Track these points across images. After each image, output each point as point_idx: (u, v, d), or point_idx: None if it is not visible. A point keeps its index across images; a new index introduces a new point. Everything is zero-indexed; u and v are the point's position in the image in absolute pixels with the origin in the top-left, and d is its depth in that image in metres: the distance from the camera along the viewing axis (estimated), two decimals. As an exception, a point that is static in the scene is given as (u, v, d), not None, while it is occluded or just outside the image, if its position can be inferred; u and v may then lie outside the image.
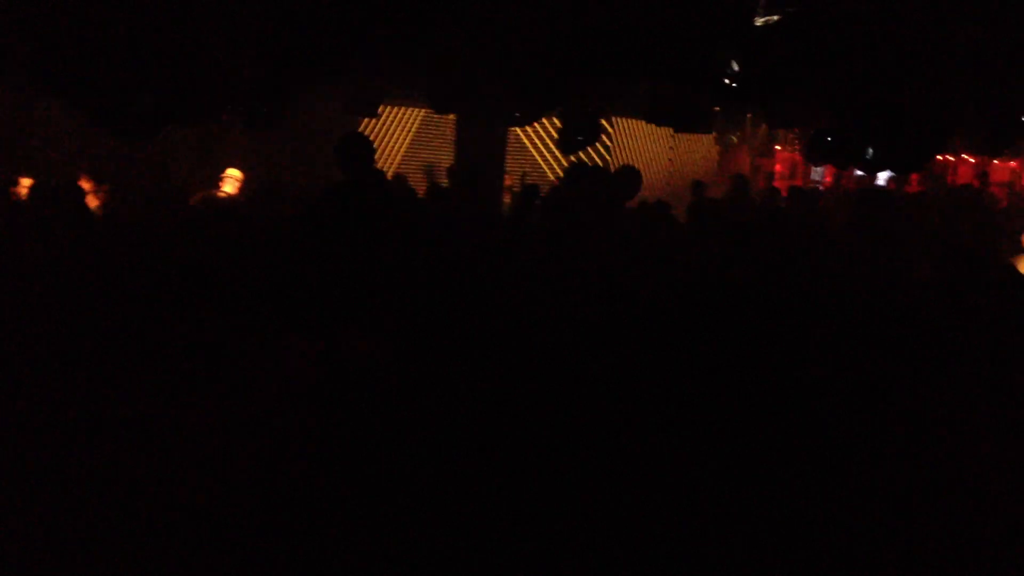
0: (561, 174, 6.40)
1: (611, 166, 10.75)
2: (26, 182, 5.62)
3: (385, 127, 10.75)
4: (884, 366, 3.01)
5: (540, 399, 2.81)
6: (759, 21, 3.98)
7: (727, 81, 4.06)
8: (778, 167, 13.06)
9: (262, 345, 2.77)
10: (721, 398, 2.85)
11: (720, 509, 2.56)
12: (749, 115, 10.13)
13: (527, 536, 2.40)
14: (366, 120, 9.57)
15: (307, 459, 2.52)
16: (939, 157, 12.48)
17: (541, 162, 11.28)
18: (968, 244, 5.58)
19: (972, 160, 12.83)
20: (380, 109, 8.25)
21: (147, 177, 6.35)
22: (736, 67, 4.06)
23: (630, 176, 5.06)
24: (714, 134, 10.99)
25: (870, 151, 4.91)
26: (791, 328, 3.22)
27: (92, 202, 5.54)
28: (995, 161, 12.69)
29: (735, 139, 11.63)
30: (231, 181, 6.64)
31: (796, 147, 11.76)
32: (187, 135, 6.63)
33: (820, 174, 12.67)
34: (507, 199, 8.27)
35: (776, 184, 11.67)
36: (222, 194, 6.27)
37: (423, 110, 10.54)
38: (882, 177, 10.52)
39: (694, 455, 2.69)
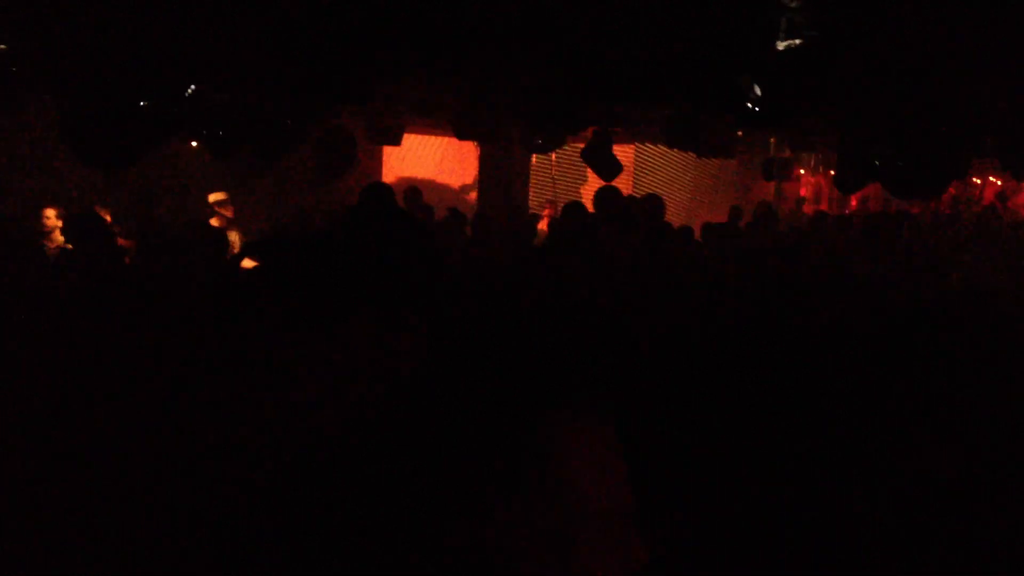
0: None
1: (635, 192, 10.77)
2: (50, 212, 5.73)
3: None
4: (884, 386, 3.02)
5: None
6: (781, 45, 3.97)
7: (749, 105, 4.05)
8: (803, 191, 12.99)
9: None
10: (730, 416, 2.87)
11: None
12: (772, 139, 10.10)
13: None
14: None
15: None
16: (970, 180, 12.38)
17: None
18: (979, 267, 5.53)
19: (998, 182, 12.69)
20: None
21: (166, 204, 6.43)
22: (758, 91, 4.04)
23: (654, 203, 5.06)
24: (737, 159, 10.98)
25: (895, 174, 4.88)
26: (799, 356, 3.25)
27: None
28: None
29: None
30: (221, 211, 6.68)
31: (820, 171, 11.72)
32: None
33: (846, 199, 12.60)
34: (544, 226, 8.31)
35: (805, 209, 11.63)
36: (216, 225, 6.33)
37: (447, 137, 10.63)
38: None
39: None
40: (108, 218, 6.33)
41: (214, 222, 6.55)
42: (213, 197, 6.76)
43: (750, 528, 2.62)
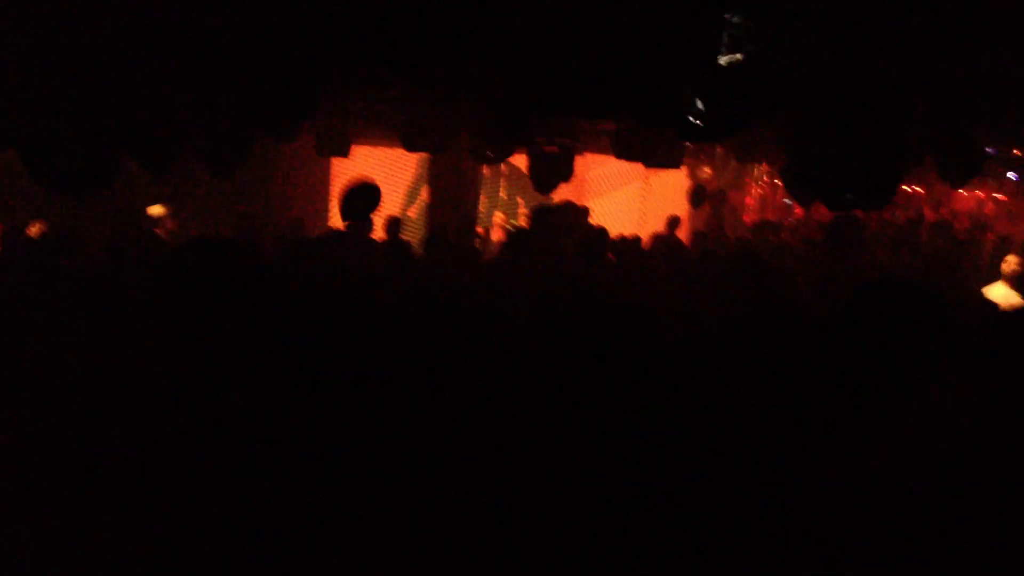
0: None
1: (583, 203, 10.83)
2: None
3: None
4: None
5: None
6: (723, 60, 4.02)
7: (691, 120, 4.09)
8: (748, 200, 13.21)
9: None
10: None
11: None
12: (719, 149, 10.26)
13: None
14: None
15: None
16: (908, 188, 12.71)
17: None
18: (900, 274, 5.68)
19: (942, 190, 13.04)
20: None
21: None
22: (701, 106, 4.09)
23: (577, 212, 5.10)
24: (685, 168, 11.12)
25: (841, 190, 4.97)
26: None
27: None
28: (961, 191, 12.92)
29: (707, 171, 11.78)
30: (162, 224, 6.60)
31: (766, 180, 11.92)
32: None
33: (790, 207, 12.83)
34: (499, 235, 8.29)
35: (745, 218, 11.81)
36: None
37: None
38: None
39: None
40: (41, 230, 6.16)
41: (158, 232, 6.45)
42: (153, 210, 6.65)
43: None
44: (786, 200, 11.62)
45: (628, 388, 3.12)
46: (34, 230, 6.05)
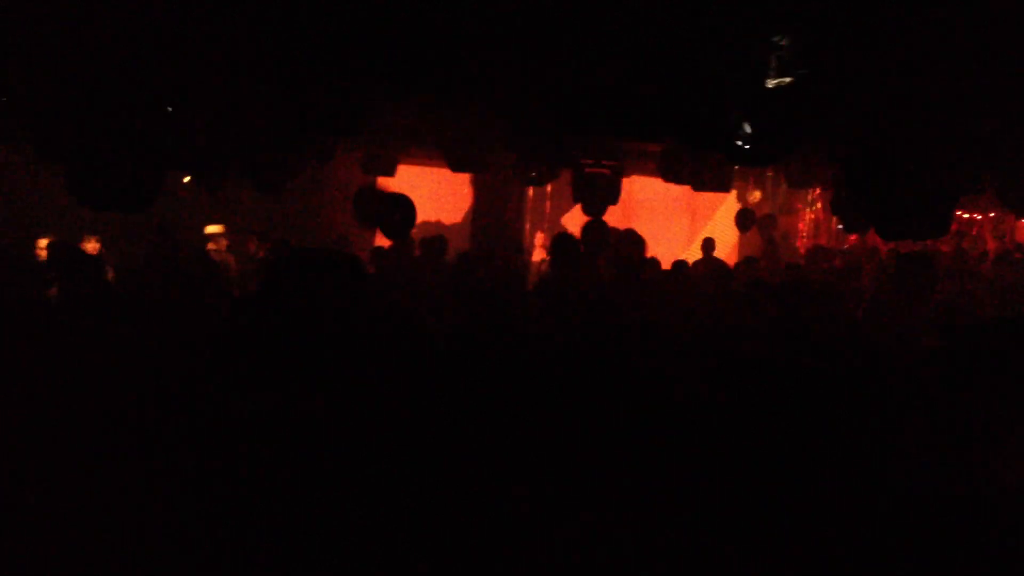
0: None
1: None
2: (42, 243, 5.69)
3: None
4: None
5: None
6: (771, 83, 3.92)
7: (739, 143, 3.99)
8: (801, 226, 12.95)
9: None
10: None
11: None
12: (770, 173, 10.08)
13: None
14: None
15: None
16: (967, 215, 12.33)
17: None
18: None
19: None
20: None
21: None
22: (748, 129, 3.98)
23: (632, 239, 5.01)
24: (735, 191, 10.95)
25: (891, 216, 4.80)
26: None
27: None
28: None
29: (757, 195, 11.59)
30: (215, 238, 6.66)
31: (819, 205, 11.69)
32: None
33: (843, 233, 12.53)
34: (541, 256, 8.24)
35: (798, 243, 11.57)
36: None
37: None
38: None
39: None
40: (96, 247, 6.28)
41: (211, 246, 6.54)
42: (210, 229, 6.76)
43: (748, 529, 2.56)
44: (839, 226, 11.35)
45: (661, 408, 3.07)
46: (90, 246, 6.16)
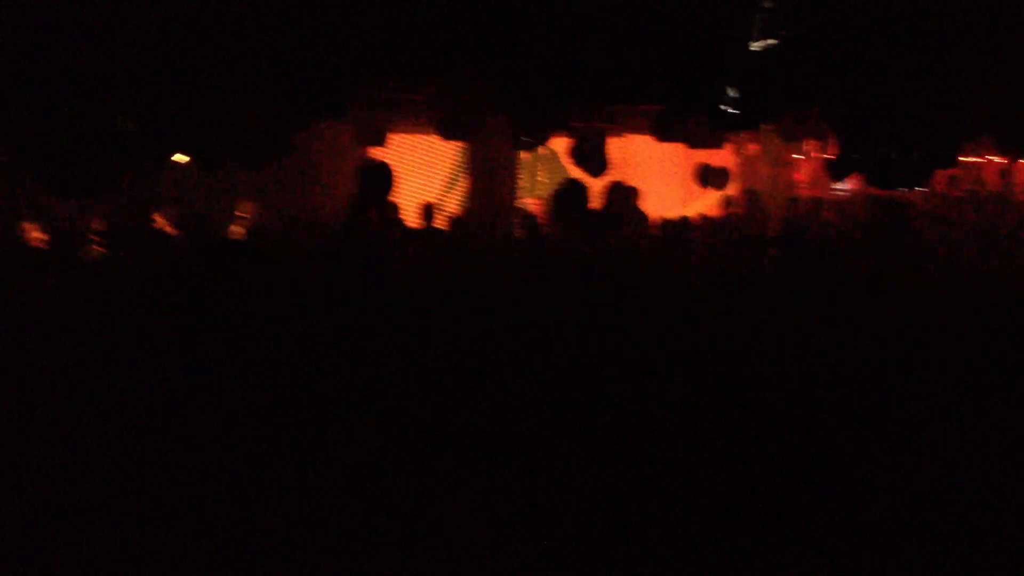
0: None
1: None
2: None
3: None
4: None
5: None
6: (755, 46, 3.90)
7: (725, 107, 3.99)
8: (798, 176, 12.86)
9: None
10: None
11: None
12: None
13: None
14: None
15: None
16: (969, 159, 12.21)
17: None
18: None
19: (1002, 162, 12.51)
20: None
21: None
22: (734, 93, 3.98)
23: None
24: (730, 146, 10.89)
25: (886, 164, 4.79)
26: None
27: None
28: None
29: (754, 148, 11.52)
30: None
31: (814, 156, 11.59)
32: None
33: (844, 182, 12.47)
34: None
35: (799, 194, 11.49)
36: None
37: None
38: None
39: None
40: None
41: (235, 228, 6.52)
42: (242, 207, 6.78)
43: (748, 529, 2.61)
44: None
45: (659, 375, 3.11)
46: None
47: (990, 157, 12.29)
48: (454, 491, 2.55)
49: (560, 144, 8.45)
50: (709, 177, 9.40)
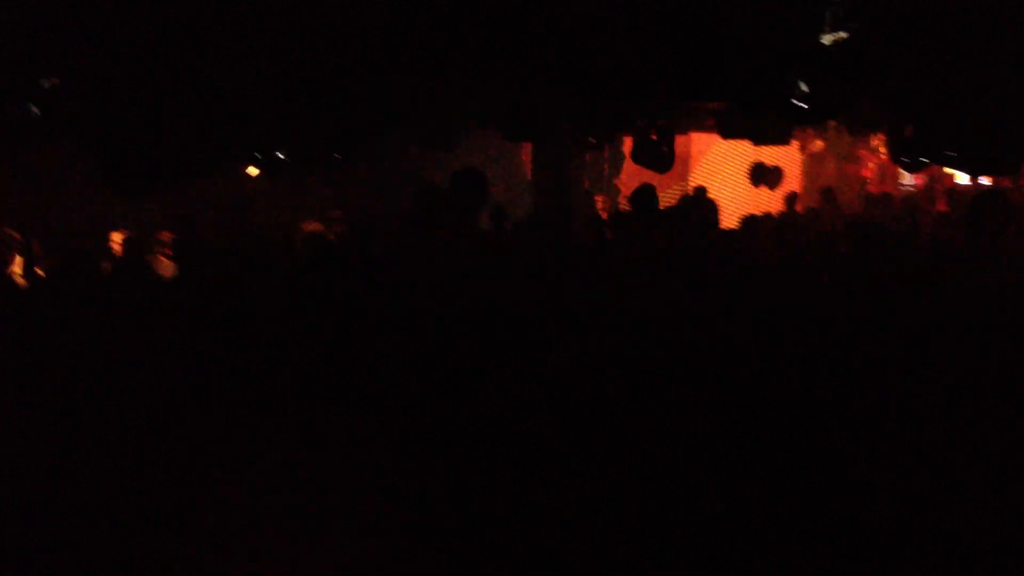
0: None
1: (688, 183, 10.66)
2: (117, 237, 5.94)
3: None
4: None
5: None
6: (827, 40, 3.89)
7: (795, 102, 3.98)
8: (866, 172, 12.62)
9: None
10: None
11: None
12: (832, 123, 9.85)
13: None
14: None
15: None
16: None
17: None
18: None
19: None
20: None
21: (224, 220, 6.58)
22: (805, 88, 3.96)
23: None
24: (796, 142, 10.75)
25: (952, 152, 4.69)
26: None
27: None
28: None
29: (820, 144, 11.36)
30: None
31: (882, 150, 11.36)
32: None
33: (910, 177, 12.17)
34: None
35: (870, 190, 11.28)
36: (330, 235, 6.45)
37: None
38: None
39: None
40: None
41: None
42: (332, 214, 6.95)
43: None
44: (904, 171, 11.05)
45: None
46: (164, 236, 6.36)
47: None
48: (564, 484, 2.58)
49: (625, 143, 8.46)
50: (763, 175, 9.29)
